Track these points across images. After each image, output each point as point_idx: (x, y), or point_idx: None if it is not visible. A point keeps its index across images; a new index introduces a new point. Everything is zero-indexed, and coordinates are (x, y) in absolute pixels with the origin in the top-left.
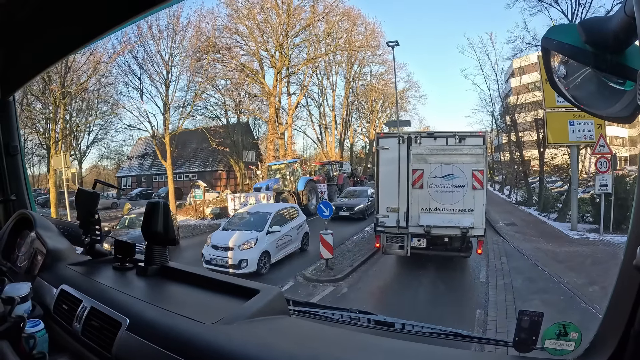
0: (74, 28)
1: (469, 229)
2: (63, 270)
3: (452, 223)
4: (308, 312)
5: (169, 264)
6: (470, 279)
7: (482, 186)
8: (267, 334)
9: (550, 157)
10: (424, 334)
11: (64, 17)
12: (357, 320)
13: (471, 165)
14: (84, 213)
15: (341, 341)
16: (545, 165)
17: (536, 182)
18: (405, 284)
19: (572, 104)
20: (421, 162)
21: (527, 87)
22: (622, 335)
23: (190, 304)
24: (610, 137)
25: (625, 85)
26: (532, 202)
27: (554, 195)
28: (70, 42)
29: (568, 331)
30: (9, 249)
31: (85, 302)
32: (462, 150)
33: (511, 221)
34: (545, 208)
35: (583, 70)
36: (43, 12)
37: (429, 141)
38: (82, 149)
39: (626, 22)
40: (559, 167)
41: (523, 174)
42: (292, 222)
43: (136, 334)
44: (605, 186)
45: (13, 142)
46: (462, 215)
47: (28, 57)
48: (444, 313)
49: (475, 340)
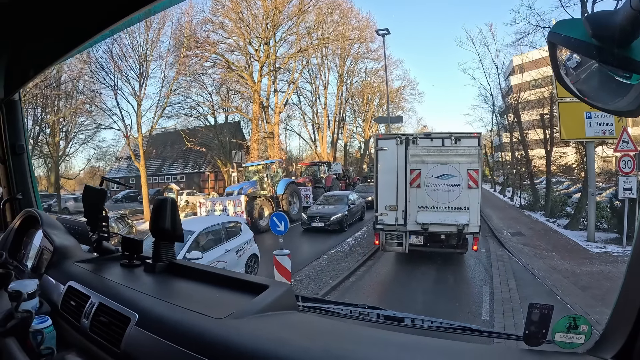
0: (77, 25)
1: (464, 226)
2: (70, 268)
3: (448, 221)
4: (317, 307)
5: (176, 260)
6: (471, 317)
7: (477, 185)
8: (277, 328)
9: (558, 156)
10: (433, 329)
11: (68, 12)
12: (366, 316)
13: (466, 165)
14: (91, 210)
15: (352, 336)
16: (552, 164)
17: (541, 184)
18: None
19: (578, 97)
20: (418, 162)
21: (529, 83)
22: (632, 328)
23: (199, 300)
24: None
25: (631, 79)
26: (538, 206)
27: (562, 198)
28: (73, 39)
29: (578, 324)
30: (15, 248)
31: (93, 298)
32: (457, 151)
33: (517, 230)
34: (553, 213)
35: (589, 64)
36: (48, 7)
37: (426, 142)
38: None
39: (632, 16)
40: (568, 166)
41: (528, 174)
42: (228, 244)
43: (145, 329)
44: (629, 190)
45: (19, 141)
46: (458, 213)
47: (32, 54)
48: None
49: (485, 334)
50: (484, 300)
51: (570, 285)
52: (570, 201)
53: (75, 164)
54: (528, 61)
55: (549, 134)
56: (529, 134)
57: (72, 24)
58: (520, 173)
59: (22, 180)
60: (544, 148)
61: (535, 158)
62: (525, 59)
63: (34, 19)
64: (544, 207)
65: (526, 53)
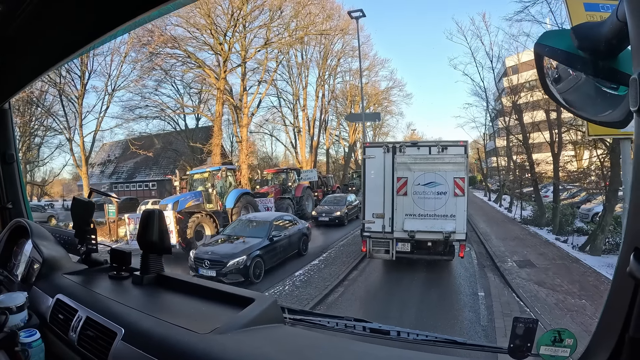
0: (67, 35)
1: (451, 233)
2: (59, 280)
3: (435, 228)
4: (303, 320)
5: (164, 272)
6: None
7: (463, 193)
8: (261, 343)
9: (568, 160)
10: (419, 342)
11: (58, 23)
12: (352, 328)
13: (453, 173)
14: (79, 222)
15: (336, 350)
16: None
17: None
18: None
19: (565, 107)
20: (405, 171)
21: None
22: (617, 341)
23: (185, 314)
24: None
25: (618, 90)
26: (545, 220)
27: (570, 210)
28: (64, 48)
29: (563, 337)
30: (5, 258)
31: (80, 312)
32: (444, 159)
33: (524, 256)
34: (562, 228)
35: (576, 76)
36: (38, 19)
37: (412, 150)
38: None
39: (618, 28)
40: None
41: (532, 182)
42: None
43: (131, 344)
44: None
45: (9, 150)
46: (444, 220)
47: (23, 64)
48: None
49: (470, 347)
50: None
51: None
52: (579, 213)
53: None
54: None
55: (556, 134)
56: (531, 136)
57: (62, 36)
58: (520, 179)
59: (12, 190)
60: (550, 151)
61: (540, 162)
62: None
63: (25, 31)
64: (551, 221)
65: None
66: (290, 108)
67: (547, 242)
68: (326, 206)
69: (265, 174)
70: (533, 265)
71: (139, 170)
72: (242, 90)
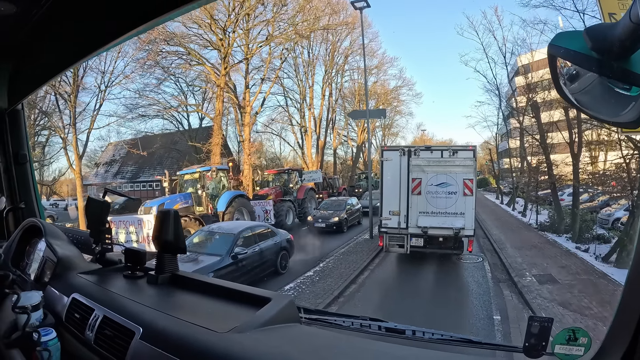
0: (80, 38)
1: (460, 229)
2: (74, 279)
3: (446, 224)
4: (319, 319)
5: (179, 272)
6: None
7: (472, 193)
8: (279, 342)
9: (590, 162)
10: (434, 341)
11: (71, 26)
12: (367, 328)
13: (462, 174)
14: (94, 222)
15: (353, 350)
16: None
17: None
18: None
19: (578, 108)
20: (419, 172)
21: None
22: (631, 340)
23: (202, 313)
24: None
25: (631, 91)
26: (563, 227)
27: (591, 216)
28: (77, 52)
29: (577, 336)
30: (18, 257)
31: (97, 311)
32: (454, 162)
33: (544, 269)
34: (581, 235)
35: (589, 77)
36: (50, 22)
37: (426, 154)
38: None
39: (632, 29)
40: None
41: (551, 185)
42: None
43: (150, 342)
44: None
45: (22, 150)
46: (454, 217)
47: (35, 66)
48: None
49: (485, 346)
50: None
51: None
52: (598, 218)
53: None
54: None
55: (575, 134)
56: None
57: (75, 40)
58: (536, 182)
59: (25, 189)
60: (569, 152)
61: (559, 164)
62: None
63: (38, 33)
64: (570, 227)
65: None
66: (297, 107)
67: (568, 252)
68: (323, 210)
69: (266, 174)
70: (555, 281)
71: (143, 170)
72: (244, 88)
